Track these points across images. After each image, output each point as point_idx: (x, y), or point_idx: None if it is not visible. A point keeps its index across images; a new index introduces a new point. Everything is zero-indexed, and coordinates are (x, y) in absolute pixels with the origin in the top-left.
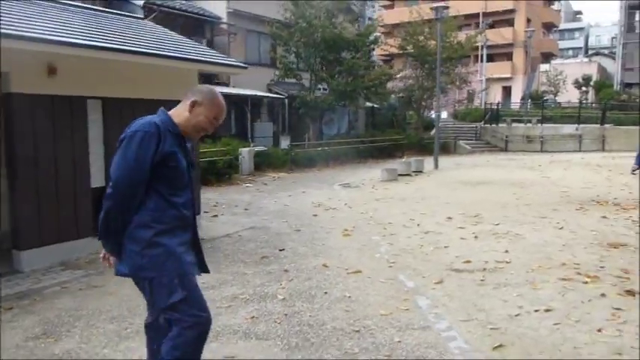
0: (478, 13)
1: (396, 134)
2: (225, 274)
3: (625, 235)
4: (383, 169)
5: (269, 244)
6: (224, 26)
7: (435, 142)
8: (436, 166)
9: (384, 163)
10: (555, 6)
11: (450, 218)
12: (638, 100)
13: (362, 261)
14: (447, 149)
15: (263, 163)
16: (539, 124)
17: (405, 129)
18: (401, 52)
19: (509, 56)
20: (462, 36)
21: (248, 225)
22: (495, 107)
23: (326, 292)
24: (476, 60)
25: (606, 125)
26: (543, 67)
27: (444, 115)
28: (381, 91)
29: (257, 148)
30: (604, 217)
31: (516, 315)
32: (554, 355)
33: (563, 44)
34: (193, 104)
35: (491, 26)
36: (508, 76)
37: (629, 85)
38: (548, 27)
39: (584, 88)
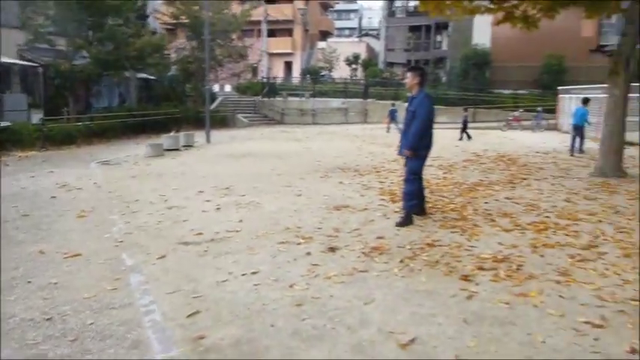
0: None
1: (173, 108)
2: None
3: (350, 198)
4: (148, 144)
5: None
6: None
7: (206, 116)
8: (208, 139)
9: (157, 138)
10: None
11: (201, 192)
12: (397, 78)
13: (87, 243)
14: (225, 122)
15: (8, 141)
16: (311, 98)
17: (184, 102)
18: (175, 22)
19: (290, 32)
20: (239, 9)
21: None
22: (272, 81)
23: (30, 282)
24: (259, 34)
25: (369, 100)
26: (321, 44)
27: (228, 88)
28: (151, 62)
29: None
30: (340, 182)
31: (223, 281)
32: (242, 313)
33: (340, 24)
34: None
35: (273, 2)
36: (289, 51)
37: (391, 64)
38: (326, 6)
39: (353, 66)
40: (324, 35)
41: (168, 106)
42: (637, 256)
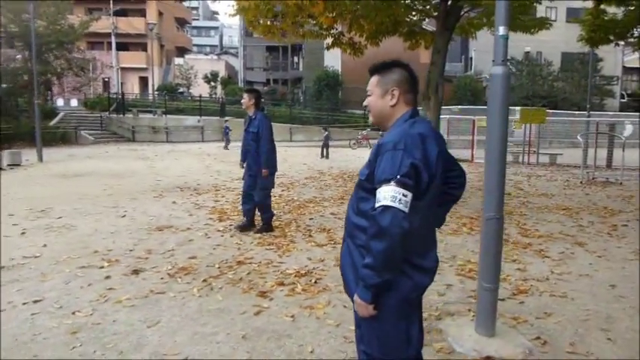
0: None
1: (4, 123)
2: None
3: (178, 218)
4: None
5: None
6: None
7: (37, 132)
8: (40, 158)
9: None
10: (188, 3)
11: (10, 215)
12: None
13: None
14: (67, 140)
15: None
16: (164, 116)
17: (18, 118)
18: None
19: (144, 47)
20: (78, 20)
21: None
22: (121, 97)
23: None
24: (110, 47)
25: (226, 117)
26: (178, 60)
27: (74, 103)
28: None
29: None
30: (174, 202)
31: None
32: (7, 345)
33: (201, 40)
34: None
35: (125, 14)
36: (144, 66)
37: (251, 83)
38: (182, 22)
39: (212, 83)
40: (182, 52)
41: None
42: None
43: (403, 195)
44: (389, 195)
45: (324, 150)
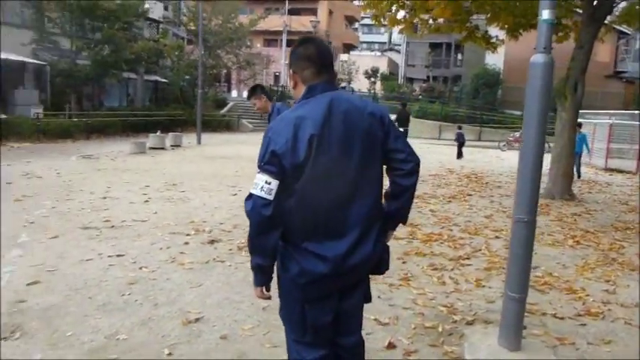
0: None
1: (181, 110)
2: None
3: None
4: (132, 142)
5: None
6: None
7: (198, 117)
8: (199, 141)
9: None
10: (358, 2)
11: (147, 186)
12: (414, 93)
13: (3, 222)
14: (230, 127)
15: (10, 133)
16: None
17: (193, 105)
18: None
19: None
20: (244, 19)
21: None
22: (282, 89)
23: None
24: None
25: None
26: (343, 56)
27: (246, 94)
28: (151, 65)
29: None
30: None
31: (87, 260)
32: (76, 286)
33: (369, 37)
34: None
35: (298, 13)
36: None
37: (411, 80)
38: (351, 20)
39: (372, 79)
40: (349, 48)
41: (177, 108)
42: (496, 270)
43: (266, 182)
44: (254, 182)
45: (458, 149)
